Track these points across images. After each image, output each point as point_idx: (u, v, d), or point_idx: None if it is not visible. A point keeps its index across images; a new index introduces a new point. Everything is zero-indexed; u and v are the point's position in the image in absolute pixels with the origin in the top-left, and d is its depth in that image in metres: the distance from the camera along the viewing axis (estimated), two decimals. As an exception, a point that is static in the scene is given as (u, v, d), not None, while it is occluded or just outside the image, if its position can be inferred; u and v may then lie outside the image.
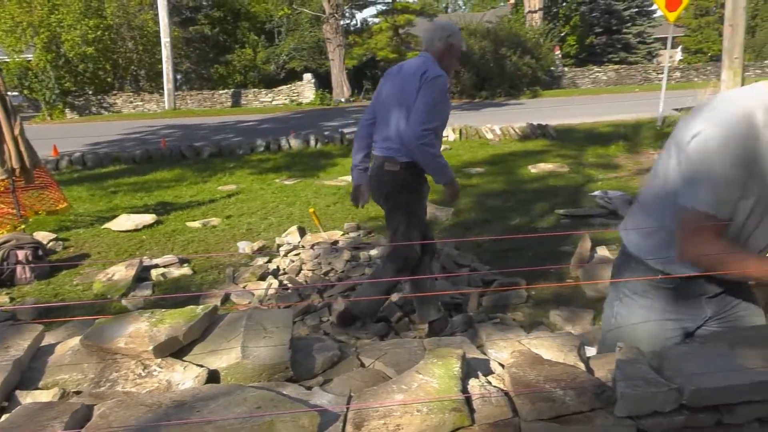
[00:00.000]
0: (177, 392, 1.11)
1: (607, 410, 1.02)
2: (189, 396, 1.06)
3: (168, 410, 1.01)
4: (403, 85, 3.34)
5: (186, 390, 1.12)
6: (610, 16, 32.61)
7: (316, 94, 24.34)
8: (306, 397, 1.08)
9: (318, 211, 6.63)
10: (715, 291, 1.72)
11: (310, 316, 4.00)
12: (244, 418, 0.93)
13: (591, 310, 4.01)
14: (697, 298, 1.72)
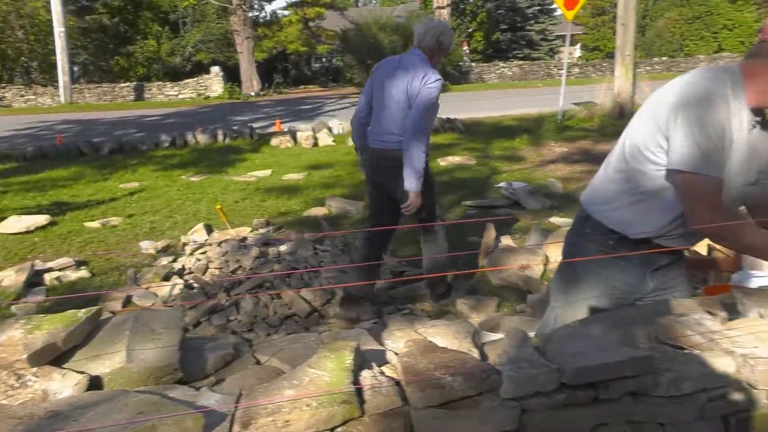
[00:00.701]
0: (53, 402, 1.04)
1: (494, 393, 1.06)
2: (65, 405, 1.00)
3: (41, 422, 0.94)
4: (406, 81, 3.43)
5: (63, 399, 1.05)
6: (515, 14, 33.80)
7: (225, 88, 23.69)
8: (193, 398, 1.05)
9: (226, 207, 6.46)
10: (663, 263, 1.85)
11: (217, 315, 3.89)
12: (122, 424, 0.88)
13: (496, 297, 4.14)
14: (644, 269, 1.84)
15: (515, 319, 3.54)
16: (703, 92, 1.63)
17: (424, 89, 3.36)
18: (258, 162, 9.39)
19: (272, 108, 19.30)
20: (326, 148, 10.57)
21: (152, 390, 1.06)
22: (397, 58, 3.67)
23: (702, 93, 1.63)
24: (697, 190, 1.60)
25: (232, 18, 24.00)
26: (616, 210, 1.84)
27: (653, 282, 1.87)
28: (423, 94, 3.36)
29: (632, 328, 1.38)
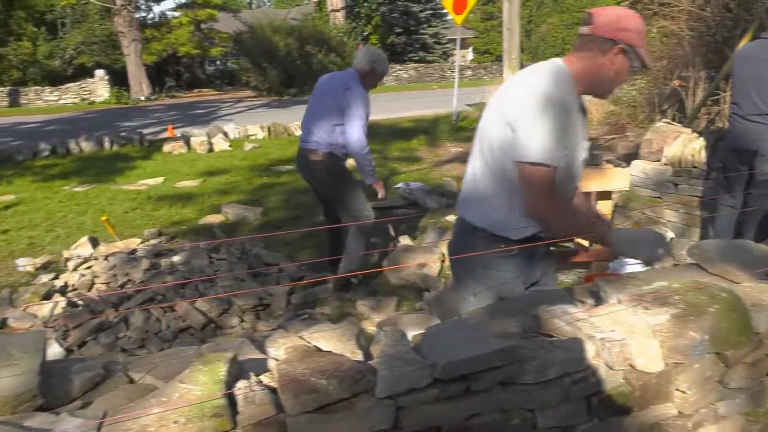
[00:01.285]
0: None
1: (369, 393, 1.07)
2: None
3: None
4: (330, 93, 4.07)
5: None
6: (408, 17, 34.49)
7: (112, 92, 22.48)
8: (52, 425, 0.98)
9: (114, 218, 6.14)
10: (543, 251, 1.97)
11: (105, 333, 3.68)
12: (-34, 461, 0.81)
13: (395, 297, 4.21)
14: (533, 260, 1.97)
15: (413, 317, 3.62)
16: (545, 86, 1.78)
17: (350, 99, 3.94)
18: (149, 169, 8.99)
19: (164, 113, 18.54)
20: (222, 153, 10.29)
21: (6, 420, 0.99)
22: (333, 74, 4.42)
23: (544, 87, 1.78)
24: (534, 179, 1.75)
25: (116, 19, 22.79)
26: (493, 210, 1.93)
27: (539, 271, 2.01)
28: (352, 105, 3.94)
29: (506, 319, 1.45)
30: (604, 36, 1.83)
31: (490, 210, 1.94)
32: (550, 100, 1.76)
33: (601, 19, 1.84)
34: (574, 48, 1.93)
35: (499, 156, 1.85)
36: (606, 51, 1.83)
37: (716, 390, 1.47)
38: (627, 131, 9.77)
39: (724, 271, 1.95)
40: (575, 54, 1.92)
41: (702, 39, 8.56)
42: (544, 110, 1.74)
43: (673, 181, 5.13)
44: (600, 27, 1.84)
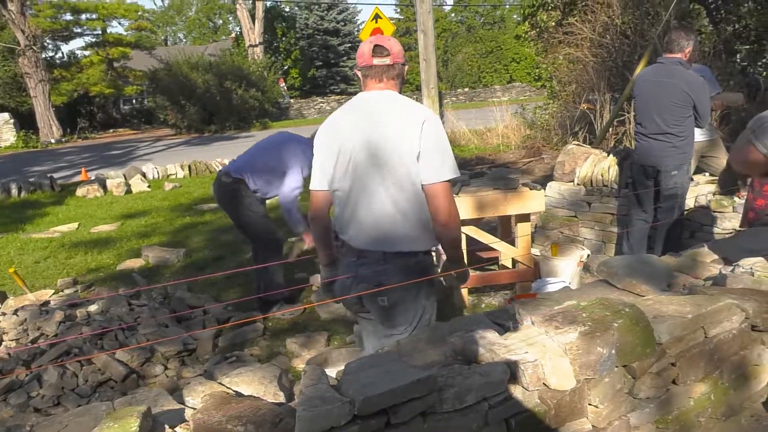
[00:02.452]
0: None
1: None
2: None
3: None
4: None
5: None
6: (328, 51, 34.94)
7: (18, 136, 21.40)
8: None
9: (24, 269, 5.82)
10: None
11: (15, 393, 3.45)
12: None
13: (325, 332, 4.17)
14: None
15: (342, 351, 3.60)
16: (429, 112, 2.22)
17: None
18: (62, 215, 8.58)
19: (77, 155, 17.81)
20: (141, 194, 9.97)
21: None
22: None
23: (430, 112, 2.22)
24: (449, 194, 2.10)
25: (21, 60, 21.83)
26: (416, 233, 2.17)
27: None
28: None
29: (427, 349, 1.47)
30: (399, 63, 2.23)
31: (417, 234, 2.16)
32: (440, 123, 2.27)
33: (396, 49, 2.23)
34: (382, 78, 2.22)
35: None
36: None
37: (627, 401, 1.54)
38: (543, 154, 10.22)
39: (631, 285, 2.06)
40: (388, 82, 2.23)
41: (605, 64, 9.13)
42: (443, 130, 2.19)
43: (587, 200, 5.38)
44: (396, 56, 2.22)
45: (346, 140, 2.19)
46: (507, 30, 39.20)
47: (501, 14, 43.72)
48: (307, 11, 35.21)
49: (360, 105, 2.24)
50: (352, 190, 2.18)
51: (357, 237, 2.19)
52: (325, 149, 2.28)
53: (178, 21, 56.56)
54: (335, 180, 2.23)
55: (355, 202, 2.17)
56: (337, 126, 2.27)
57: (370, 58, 2.18)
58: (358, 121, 2.19)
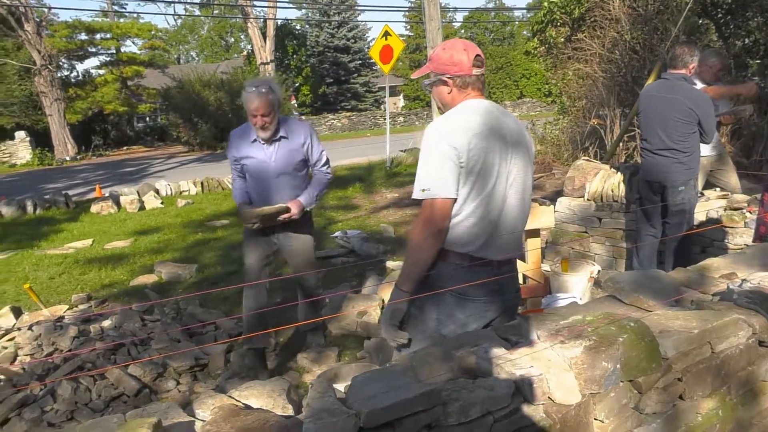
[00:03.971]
0: None
1: (295, 449, 1.08)
2: None
3: None
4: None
5: None
6: (338, 68, 35.24)
7: (34, 154, 21.72)
8: None
9: (39, 285, 5.89)
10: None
11: (29, 407, 3.49)
12: None
13: (336, 347, 4.19)
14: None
15: (353, 366, 3.61)
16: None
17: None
18: (76, 232, 8.69)
19: (91, 172, 18.04)
20: (154, 211, 10.08)
21: None
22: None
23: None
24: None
25: (37, 79, 22.24)
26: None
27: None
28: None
29: (433, 363, 1.49)
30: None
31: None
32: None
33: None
34: (482, 88, 2.18)
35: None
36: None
37: (633, 416, 1.54)
38: (553, 169, 10.23)
39: (637, 300, 2.07)
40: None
41: (614, 79, 9.16)
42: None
43: (597, 216, 5.38)
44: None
45: (491, 147, 2.04)
46: (517, 46, 39.43)
47: (511, 30, 43.98)
48: (317, 29, 35.61)
49: (489, 113, 2.10)
50: (491, 203, 2.06)
51: (500, 250, 2.13)
52: (462, 155, 1.98)
53: (190, 39, 57.37)
54: (473, 188, 2.03)
55: (497, 216, 2.09)
56: (474, 133, 2.03)
57: (470, 68, 2.09)
58: (499, 128, 2.08)
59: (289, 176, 3.68)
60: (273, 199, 3.67)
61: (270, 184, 3.69)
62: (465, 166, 2.00)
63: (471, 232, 2.06)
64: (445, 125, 2.05)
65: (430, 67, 2.18)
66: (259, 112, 3.47)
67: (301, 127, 3.74)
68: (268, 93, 3.49)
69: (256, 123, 3.51)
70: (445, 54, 2.12)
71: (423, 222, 2.00)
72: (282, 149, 3.63)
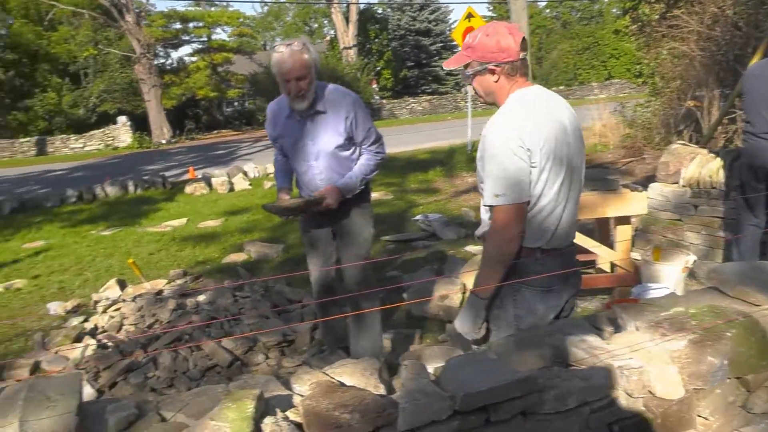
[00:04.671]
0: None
1: (391, 427, 1.11)
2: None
3: None
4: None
5: (-48, 482, 1.01)
6: (419, 51, 35.04)
7: (134, 137, 23.03)
8: (92, 465, 1.04)
9: (141, 260, 6.26)
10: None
11: (134, 373, 3.74)
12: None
13: (418, 329, 4.22)
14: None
15: (435, 349, 3.63)
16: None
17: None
18: (172, 211, 9.17)
19: (185, 155, 18.92)
20: (242, 192, 10.47)
21: (49, 461, 1.05)
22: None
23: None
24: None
25: (136, 67, 23.51)
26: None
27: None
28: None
29: (525, 351, 1.48)
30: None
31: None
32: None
33: None
34: (528, 74, 2.08)
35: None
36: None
37: (740, 415, 1.47)
38: (644, 154, 9.77)
39: (743, 293, 1.95)
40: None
41: (713, 58, 8.59)
42: None
43: (693, 203, 5.10)
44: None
45: (559, 140, 1.98)
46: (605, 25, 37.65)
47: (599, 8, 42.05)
48: (399, 12, 35.49)
49: (548, 102, 2.04)
50: (560, 194, 2.01)
51: (566, 238, 2.10)
52: (535, 155, 1.92)
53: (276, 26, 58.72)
54: (545, 184, 1.97)
55: (564, 206, 2.04)
56: (542, 128, 1.96)
57: (518, 51, 1.98)
58: (560, 118, 2.02)
59: (331, 157, 3.10)
60: (314, 185, 3.17)
61: (310, 167, 3.15)
62: (537, 166, 1.92)
63: (543, 227, 2.00)
64: (512, 122, 1.94)
65: (471, 55, 2.01)
66: (292, 75, 2.85)
67: (343, 97, 3.09)
68: (303, 51, 2.89)
69: (291, 90, 2.90)
70: (490, 41, 1.98)
71: (500, 229, 1.92)
72: (320, 125, 3.05)
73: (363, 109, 3.14)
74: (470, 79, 2.07)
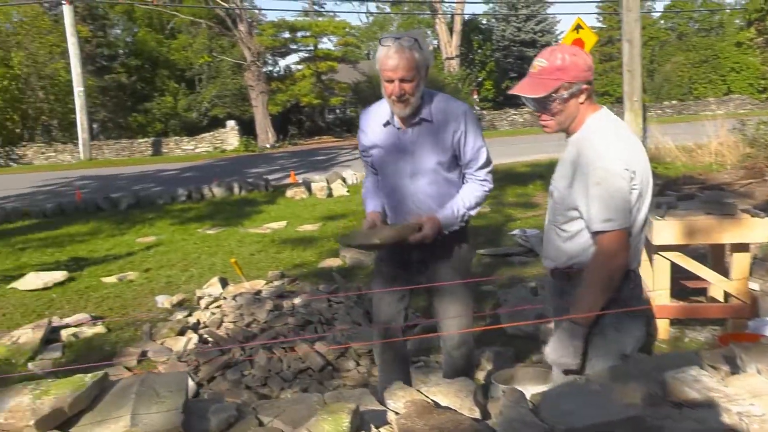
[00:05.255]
0: (61, 468, 1.08)
1: (488, 454, 1.07)
2: (72, 471, 1.03)
3: (48, 489, 0.98)
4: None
5: (70, 465, 1.09)
6: (523, 62, 34.41)
7: (241, 141, 24.19)
8: (195, 463, 1.08)
9: (241, 260, 6.54)
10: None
11: (231, 370, 3.90)
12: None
13: (511, 348, 4.12)
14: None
15: (529, 370, 3.51)
16: None
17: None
18: (273, 214, 9.52)
19: (287, 159, 19.63)
20: (341, 198, 10.71)
21: (155, 455, 1.10)
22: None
23: None
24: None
25: (246, 74, 24.72)
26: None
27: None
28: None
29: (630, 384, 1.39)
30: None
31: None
32: None
33: None
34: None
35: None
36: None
37: None
38: (766, 176, 9.05)
39: None
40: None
41: None
42: None
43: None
44: None
45: (647, 162, 2.00)
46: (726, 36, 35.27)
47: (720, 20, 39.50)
48: (504, 23, 35.08)
49: (621, 123, 2.07)
50: (647, 215, 2.02)
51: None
52: (636, 177, 1.91)
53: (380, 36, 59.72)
54: (641, 208, 1.97)
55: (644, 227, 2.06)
56: (637, 149, 1.97)
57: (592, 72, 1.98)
58: (637, 139, 2.06)
59: (430, 177, 2.60)
60: (406, 209, 2.65)
61: (403, 188, 2.64)
62: (637, 188, 1.90)
63: (637, 249, 2.02)
64: (615, 145, 1.90)
65: (562, 77, 1.90)
66: (397, 75, 2.40)
67: (454, 107, 2.62)
68: (413, 48, 2.42)
69: (392, 92, 2.44)
70: (579, 59, 1.92)
71: (609, 256, 1.88)
72: (423, 137, 2.57)
73: (475, 124, 2.66)
74: (563, 103, 1.95)
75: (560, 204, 2.03)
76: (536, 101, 1.97)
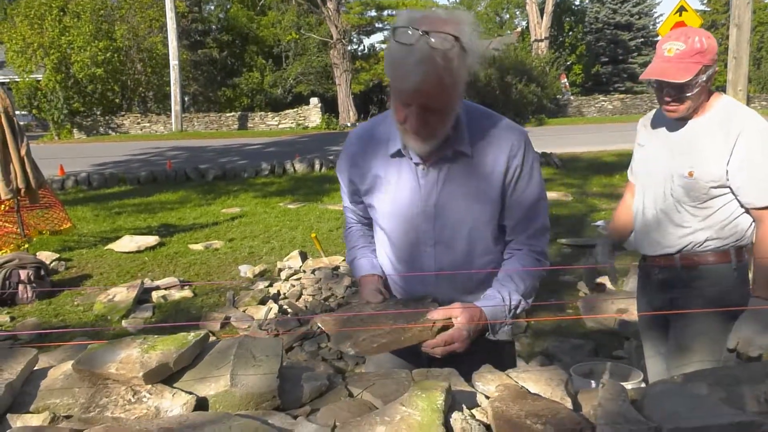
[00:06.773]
0: (165, 419, 1.13)
1: (586, 447, 1.04)
2: (176, 423, 1.08)
3: (154, 437, 1.03)
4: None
5: (173, 417, 1.14)
6: (616, 46, 32.95)
7: (323, 119, 24.53)
8: (291, 426, 1.10)
9: (321, 235, 6.66)
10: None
11: (309, 342, 4.00)
12: (227, 447, 0.94)
13: (591, 341, 4.01)
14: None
15: (609, 365, 3.40)
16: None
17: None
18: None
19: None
20: (418, 179, 10.68)
21: (253, 415, 1.13)
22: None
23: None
24: None
25: (331, 52, 24.96)
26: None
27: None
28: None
29: (738, 387, 1.31)
30: None
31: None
32: None
33: None
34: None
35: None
36: None
37: None
38: None
39: None
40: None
41: None
42: None
43: None
44: None
45: None
46: None
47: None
48: (598, 4, 33.62)
49: None
50: None
51: None
52: None
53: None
54: None
55: None
56: None
57: None
58: None
59: (468, 243, 1.66)
60: (421, 290, 1.71)
61: (422, 256, 1.68)
62: None
63: None
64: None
65: (702, 60, 1.91)
66: (417, 100, 1.45)
67: (508, 133, 1.64)
68: (450, 54, 1.40)
69: (408, 121, 1.50)
70: (713, 41, 1.94)
71: None
72: (457, 180, 1.62)
73: (537, 162, 1.70)
74: (700, 87, 1.94)
75: (698, 184, 2.00)
76: (676, 86, 1.92)
